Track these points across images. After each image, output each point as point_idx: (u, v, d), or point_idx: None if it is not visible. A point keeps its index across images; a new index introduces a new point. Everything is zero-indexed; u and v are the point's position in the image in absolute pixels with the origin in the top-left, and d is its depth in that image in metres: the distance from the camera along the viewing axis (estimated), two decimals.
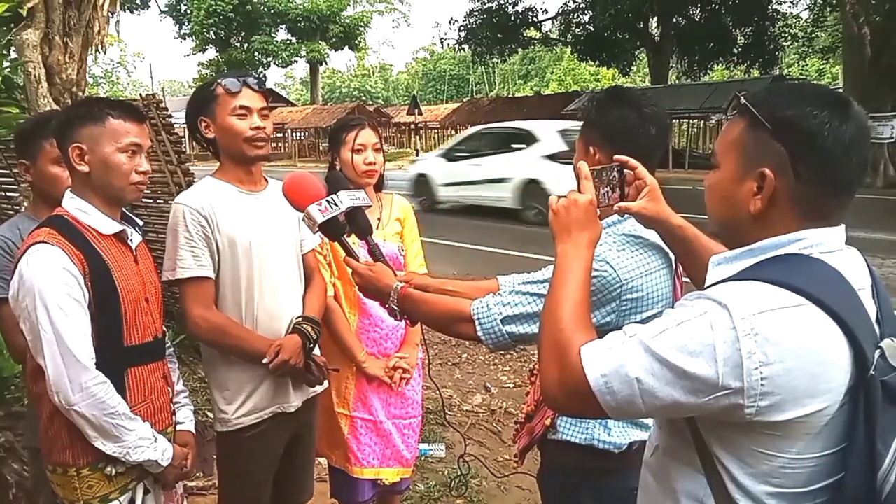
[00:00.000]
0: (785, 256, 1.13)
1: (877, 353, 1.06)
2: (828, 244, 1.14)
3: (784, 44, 30.63)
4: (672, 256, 1.74)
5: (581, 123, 1.81)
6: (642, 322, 1.23)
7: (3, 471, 2.97)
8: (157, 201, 4.41)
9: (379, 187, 2.82)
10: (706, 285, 1.19)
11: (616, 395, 1.11)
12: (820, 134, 1.09)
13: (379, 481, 2.81)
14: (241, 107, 2.27)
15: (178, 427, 2.23)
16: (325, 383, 2.57)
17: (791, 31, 30.31)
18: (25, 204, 3.35)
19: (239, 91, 2.27)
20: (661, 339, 1.09)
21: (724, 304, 1.06)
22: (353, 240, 1.97)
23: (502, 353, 5.90)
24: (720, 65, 32.75)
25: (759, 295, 1.06)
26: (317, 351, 2.53)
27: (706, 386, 1.05)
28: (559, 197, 1.45)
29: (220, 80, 2.30)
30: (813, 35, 30.88)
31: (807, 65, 49.98)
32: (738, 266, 1.17)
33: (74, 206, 1.96)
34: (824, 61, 45.52)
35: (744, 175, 1.17)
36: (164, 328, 2.19)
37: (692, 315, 1.08)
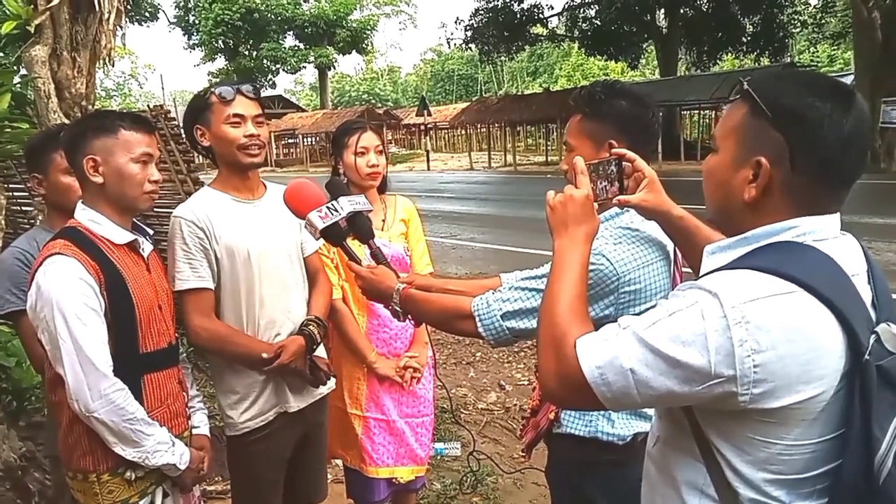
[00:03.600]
0: (777, 244, 1.14)
1: (872, 337, 1.06)
2: (821, 232, 1.14)
3: (793, 31, 30.36)
4: (670, 248, 1.75)
5: (578, 118, 1.79)
6: (640, 314, 1.24)
7: (25, 479, 3.02)
8: (169, 210, 4.46)
9: (382, 189, 2.85)
10: (700, 274, 1.21)
11: (611, 386, 1.12)
12: (820, 126, 1.08)
13: (394, 480, 2.83)
14: (235, 115, 2.28)
15: (194, 431, 2.27)
16: (332, 384, 2.59)
17: (800, 17, 30.00)
18: (40, 217, 3.40)
19: (232, 99, 2.29)
20: (653, 329, 1.10)
21: (715, 292, 1.07)
22: (355, 244, 2.00)
23: (516, 350, 5.92)
24: (730, 54, 32.52)
25: (750, 283, 1.07)
26: (322, 353, 2.57)
27: (699, 375, 1.06)
28: (556, 192, 1.46)
29: (213, 89, 2.31)
30: (822, 21, 30.57)
31: (817, 51, 49.51)
32: (732, 255, 1.18)
33: (87, 217, 2.00)
34: (835, 47, 45.05)
35: (740, 162, 1.17)
36: (177, 335, 2.23)
37: (684, 305, 1.09)
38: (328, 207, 1.88)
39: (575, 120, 1.79)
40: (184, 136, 2.41)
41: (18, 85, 3.78)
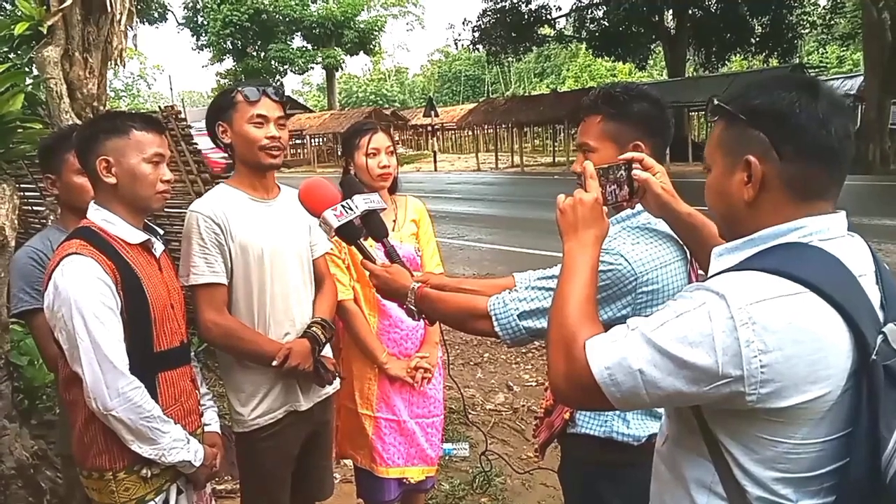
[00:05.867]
0: (784, 245, 1.16)
1: (879, 338, 1.07)
2: (827, 232, 1.16)
3: (802, 32, 30.27)
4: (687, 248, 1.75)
5: (598, 120, 1.76)
6: None
7: (36, 478, 3.04)
8: (179, 210, 4.49)
9: (393, 190, 2.86)
10: (708, 276, 1.22)
11: (620, 386, 1.14)
12: (791, 112, 1.13)
13: (404, 480, 2.84)
14: (259, 115, 2.32)
15: (206, 429, 2.30)
16: (337, 384, 2.62)
17: (809, 18, 29.91)
18: (52, 217, 3.43)
19: (258, 100, 2.32)
20: (661, 330, 1.12)
21: (722, 294, 1.08)
22: (369, 242, 2.01)
23: (524, 351, 5.92)
24: (738, 55, 32.46)
25: (757, 284, 1.09)
26: (329, 352, 2.59)
27: (707, 375, 1.08)
28: (566, 196, 1.48)
29: (239, 88, 2.35)
30: (832, 22, 30.47)
31: (826, 52, 49.31)
32: (740, 256, 1.20)
33: (100, 217, 2.03)
34: (844, 48, 44.89)
35: (732, 168, 1.21)
36: (189, 333, 2.25)
37: (691, 306, 1.11)
38: (343, 206, 1.89)
39: (594, 121, 1.76)
40: (198, 132, 2.43)
41: (31, 85, 3.80)
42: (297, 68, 49.87)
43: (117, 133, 2.00)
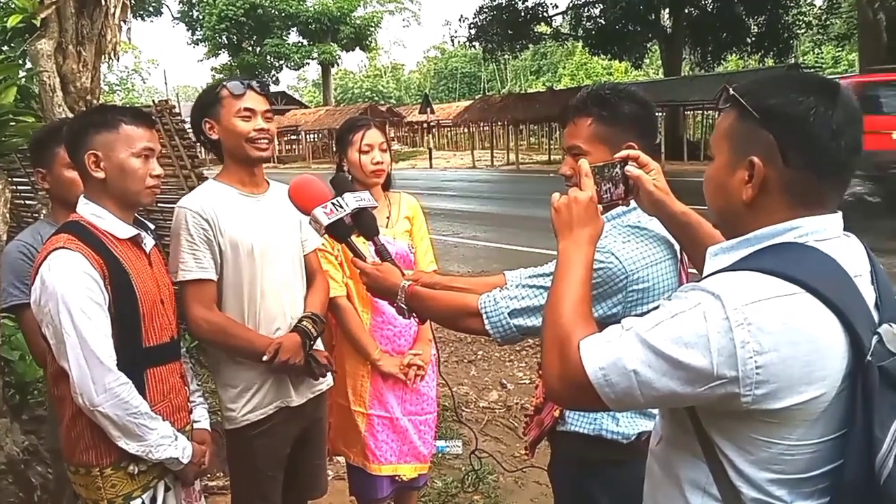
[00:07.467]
0: (779, 245, 1.15)
1: (874, 338, 1.07)
2: (823, 232, 1.15)
3: (798, 32, 30.29)
4: (677, 247, 1.74)
5: (589, 122, 1.73)
6: (646, 313, 1.24)
7: (27, 473, 3.02)
8: (174, 205, 4.47)
9: (387, 186, 2.85)
10: (703, 275, 1.21)
11: (615, 387, 1.13)
12: (805, 119, 1.11)
13: (397, 477, 2.84)
14: (246, 109, 2.32)
15: (195, 426, 2.28)
16: (330, 380, 2.62)
17: (805, 18, 29.93)
18: (44, 212, 3.41)
19: (243, 94, 2.32)
20: (656, 331, 1.10)
21: (717, 294, 1.07)
22: (360, 240, 2.00)
23: (518, 349, 5.92)
24: (734, 55, 32.45)
25: (752, 285, 1.08)
26: (320, 346, 2.58)
27: (701, 376, 1.07)
28: (560, 194, 1.47)
29: (224, 83, 2.35)
30: (827, 22, 30.52)
31: (822, 53, 49.42)
32: (735, 256, 1.19)
33: (89, 211, 2.01)
34: (839, 49, 44.99)
35: (735, 164, 1.19)
36: (179, 330, 2.24)
37: (686, 307, 1.10)
38: (333, 203, 1.88)
39: (584, 124, 1.74)
40: (191, 129, 2.44)
41: (24, 78, 3.78)
42: (292, 64, 49.76)
43: (106, 127, 1.98)
